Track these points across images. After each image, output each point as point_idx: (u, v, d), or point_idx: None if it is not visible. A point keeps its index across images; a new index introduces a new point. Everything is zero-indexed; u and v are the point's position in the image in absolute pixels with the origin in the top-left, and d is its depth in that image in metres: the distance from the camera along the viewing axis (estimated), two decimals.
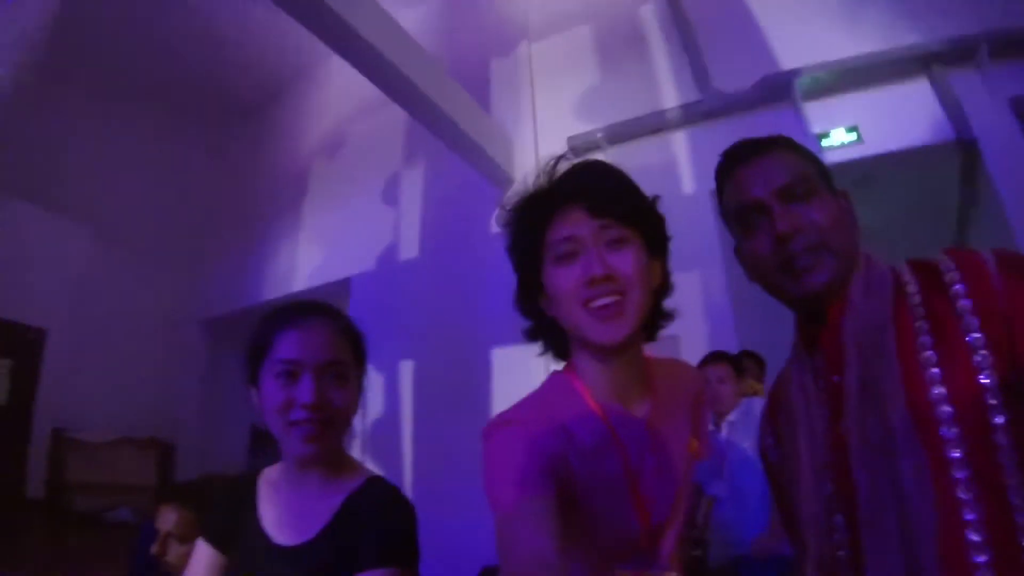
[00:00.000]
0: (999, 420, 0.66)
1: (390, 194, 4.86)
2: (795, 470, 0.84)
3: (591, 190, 0.84)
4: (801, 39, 4.07)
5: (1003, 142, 3.52)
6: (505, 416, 0.85)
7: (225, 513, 1.05)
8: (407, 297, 4.36)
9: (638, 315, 0.84)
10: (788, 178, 0.82)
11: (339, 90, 5.84)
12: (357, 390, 1.02)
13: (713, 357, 2.75)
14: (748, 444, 2.54)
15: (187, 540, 1.59)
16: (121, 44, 5.58)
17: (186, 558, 1.09)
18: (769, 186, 0.83)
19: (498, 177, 4.08)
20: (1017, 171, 3.45)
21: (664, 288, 0.92)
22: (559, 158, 0.92)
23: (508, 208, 0.93)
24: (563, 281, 0.83)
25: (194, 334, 6.14)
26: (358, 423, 4.64)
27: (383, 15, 3.13)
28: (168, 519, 1.65)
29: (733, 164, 0.89)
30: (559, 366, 0.95)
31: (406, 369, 4.28)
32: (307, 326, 0.98)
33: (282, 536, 0.97)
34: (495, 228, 4.05)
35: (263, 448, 6.05)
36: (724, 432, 2.65)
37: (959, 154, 3.68)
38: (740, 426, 2.63)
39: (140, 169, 6.15)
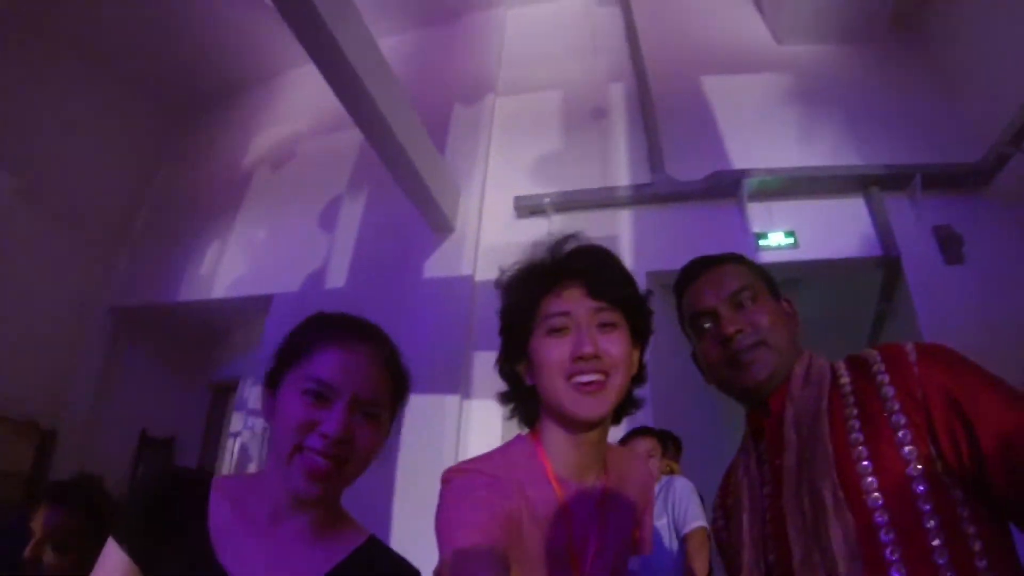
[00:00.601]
0: (920, 489, 0.72)
1: (328, 218, 4.69)
2: (739, 544, 0.91)
3: (592, 272, 0.89)
4: (755, 143, 4.28)
5: (924, 264, 3.77)
6: (468, 464, 0.88)
7: (158, 518, 0.78)
8: None
9: (616, 397, 0.88)
10: (735, 287, 0.96)
11: (298, 103, 5.69)
12: (386, 434, 0.88)
13: (642, 431, 2.77)
14: (663, 522, 2.59)
15: (64, 551, 1.31)
16: (91, 9, 5.25)
17: (58, 571, 0.89)
18: (719, 295, 0.96)
19: (439, 222, 3.98)
20: (933, 290, 3.69)
21: (639, 377, 0.96)
22: (568, 236, 0.96)
23: (508, 273, 0.97)
24: (552, 352, 0.87)
25: (99, 321, 5.67)
26: (255, 452, 4.37)
27: (366, 33, 3.05)
28: (47, 521, 1.34)
29: (690, 278, 1.02)
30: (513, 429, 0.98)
31: None
32: (354, 349, 0.84)
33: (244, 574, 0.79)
34: (427, 273, 4.04)
35: (150, 457, 5.63)
36: None
37: (883, 270, 3.90)
38: (659, 502, 2.65)
39: (80, 137, 5.70)
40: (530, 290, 0.91)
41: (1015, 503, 0.71)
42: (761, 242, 3.89)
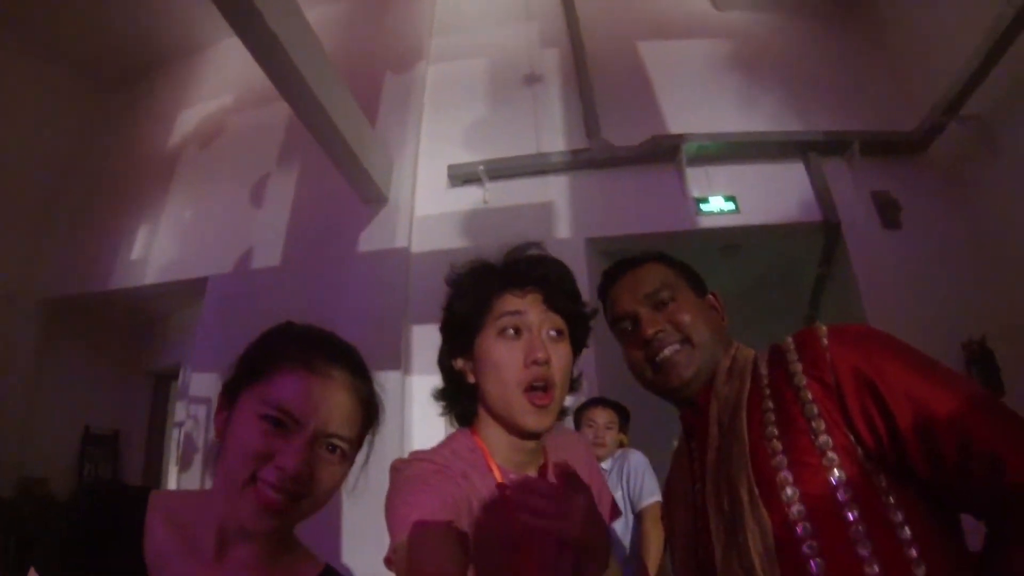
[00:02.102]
0: (837, 480, 0.70)
1: (259, 195, 4.52)
2: (674, 537, 0.95)
3: (550, 281, 0.92)
4: (694, 108, 4.27)
5: (862, 228, 3.82)
6: (416, 454, 0.89)
7: (82, 548, 0.67)
8: (265, 305, 4.01)
9: (559, 407, 0.92)
10: (652, 287, 0.95)
11: (224, 76, 5.46)
12: (348, 470, 0.77)
13: (600, 401, 2.77)
14: (617, 495, 2.56)
15: None
16: None
17: None
18: (636, 296, 0.95)
19: (372, 194, 3.86)
20: (872, 254, 3.75)
21: (574, 383, 0.99)
22: (531, 243, 0.97)
23: (460, 268, 0.97)
24: (504, 355, 0.89)
25: (29, 313, 5.40)
26: (200, 441, 4.22)
27: (290, 1, 2.92)
28: None
29: (609, 283, 1.01)
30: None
31: None
32: (322, 374, 0.73)
33: None
34: (362, 247, 3.92)
35: (97, 455, 5.42)
36: None
37: (822, 234, 3.93)
38: (613, 475, 2.65)
39: None
40: (485, 286, 0.92)
41: (940, 482, 0.68)
42: (702, 207, 3.89)
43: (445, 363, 0.98)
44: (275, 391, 0.70)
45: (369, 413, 0.79)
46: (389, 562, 0.81)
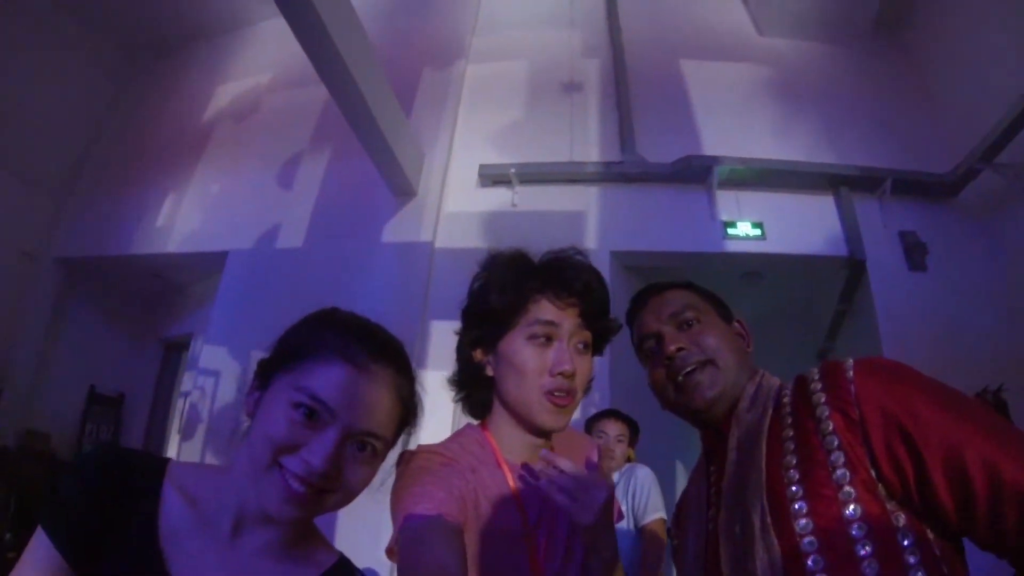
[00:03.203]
0: (852, 514, 0.68)
1: (288, 176, 4.54)
2: (684, 563, 0.93)
3: (591, 296, 0.92)
4: (728, 131, 4.26)
5: (887, 268, 3.80)
6: (425, 447, 0.90)
7: (97, 511, 0.64)
8: (284, 285, 4.03)
9: (575, 409, 0.94)
10: (677, 307, 0.95)
11: (264, 56, 5.49)
12: (377, 469, 0.74)
13: (612, 413, 2.75)
14: (623, 508, 2.50)
15: None
16: None
17: None
18: (660, 317, 0.95)
19: (401, 186, 3.86)
20: (895, 294, 3.72)
21: (589, 384, 0.99)
22: (575, 249, 0.96)
23: (498, 257, 0.95)
24: (532, 360, 0.89)
25: (47, 271, 5.45)
26: (205, 413, 4.24)
27: None
28: None
29: (637, 307, 1.01)
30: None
31: None
32: (363, 369, 0.69)
33: None
34: (386, 237, 3.93)
35: (100, 416, 5.45)
36: None
37: (846, 270, 3.91)
38: (619, 488, 2.64)
39: (32, 80, 5.44)
40: (524, 286, 0.91)
41: (969, 526, 0.66)
42: (729, 231, 3.88)
43: (465, 352, 0.96)
44: (311, 379, 0.67)
45: (407, 413, 0.76)
46: (391, 552, 0.80)
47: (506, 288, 0.91)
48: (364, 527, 2.96)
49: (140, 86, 6.06)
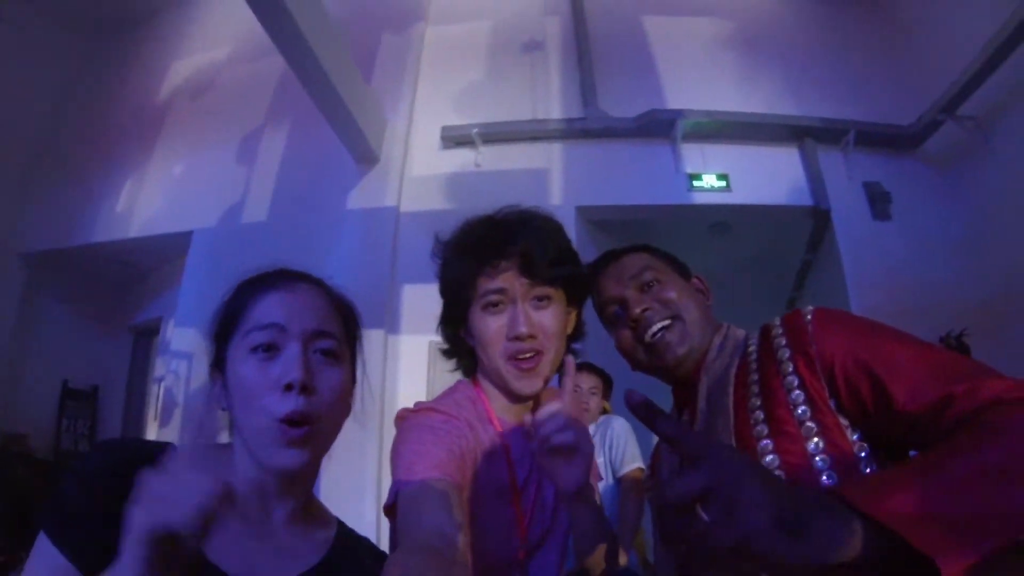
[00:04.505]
0: (811, 446, 0.73)
1: (248, 150, 4.46)
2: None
3: (526, 250, 0.90)
4: (692, 85, 4.26)
5: (852, 217, 3.85)
6: (423, 404, 0.90)
7: (108, 512, 0.56)
8: (251, 260, 3.93)
9: (551, 370, 0.93)
10: (636, 270, 0.96)
11: (218, 29, 5.35)
12: (352, 379, 0.79)
13: (586, 366, 2.73)
14: (600, 461, 2.56)
15: None
16: None
17: None
18: (621, 280, 0.97)
19: (364, 153, 3.81)
20: (859, 243, 3.79)
21: (577, 333, 1.01)
22: (503, 209, 0.96)
23: (444, 242, 0.97)
24: (490, 327, 0.90)
25: (12, 268, 5.33)
26: (181, 397, 4.18)
27: None
28: None
29: (596, 274, 1.02)
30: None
31: None
32: (292, 288, 0.75)
33: (246, 572, 0.65)
34: (351, 205, 3.88)
35: (75, 410, 5.36)
36: None
37: (811, 219, 3.96)
38: (596, 440, 2.61)
39: None
40: (467, 266, 0.92)
41: (931, 438, 0.67)
42: (694, 183, 3.90)
43: (448, 331, 1.00)
44: (253, 318, 0.72)
45: (345, 315, 0.80)
46: (389, 509, 0.80)
47: (455, 270, 0.94)
48: (347, 491, 2.97)
49: (94, 70, 5.89)
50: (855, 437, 0.72)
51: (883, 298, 3.56)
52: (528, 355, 0.89)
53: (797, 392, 0.75)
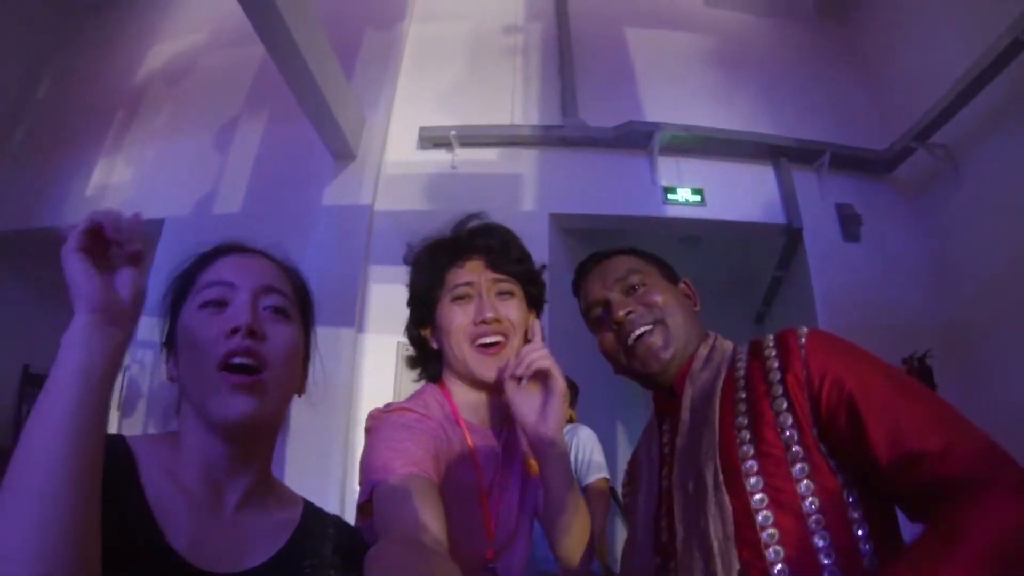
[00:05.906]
0: (800, 471, 0.72)
1: (225, 138, 4.39)
2: (635, 522, 0.94)
3: (492, 248, 0.98)
4: (671, 98, 4.30)
5: (823, 236, 3.92)
6: (395, 404, 0.92)
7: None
8: None
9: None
10: (622, 273, 0.96)
11: (199, 14, 5.28)
12: (302, 345, 0.77)
13: None
14: None
15: None
16: None
17: None
18: (606, 283, 0.96)
19: (341, 149, 3.78)
20: (829, 263, 3.86)
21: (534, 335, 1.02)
22: (472, 216, 1.03)
23: (416, 248, 1.04)
24: (457, 317, 0.95)
25: None
26: (145, 387, 4.08)
27: None
28: None
29: (582, 276, 1.03)
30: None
31: None
32: (242, 253, 0.76)
33: (207, 560, 0.61)
34: (325, 200, 3.85)
35: (35, 397, 5.19)
36: None
37: (783, 237, 4.02)
38: None
39: None
40: (437, 263, 0.99)
41: (899, 488, 0.68)
42: (669, 196, 3.93)
43: (413, 333, 1.04)
44: (203, 280, 0.71)
45: (295, 283, 0.79)
46: (363, 507, 0.80)
47: (424, 271, 1.00)
48: (312, 474, 2.92)
49: (70, 49, 5.75)
50: (835, 464, 0.72)
51: (850, 317, 3.62)
52: (493, 339, 0.93)
53: (785, 414, 0.75)
